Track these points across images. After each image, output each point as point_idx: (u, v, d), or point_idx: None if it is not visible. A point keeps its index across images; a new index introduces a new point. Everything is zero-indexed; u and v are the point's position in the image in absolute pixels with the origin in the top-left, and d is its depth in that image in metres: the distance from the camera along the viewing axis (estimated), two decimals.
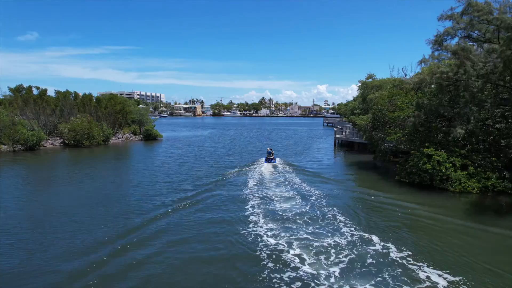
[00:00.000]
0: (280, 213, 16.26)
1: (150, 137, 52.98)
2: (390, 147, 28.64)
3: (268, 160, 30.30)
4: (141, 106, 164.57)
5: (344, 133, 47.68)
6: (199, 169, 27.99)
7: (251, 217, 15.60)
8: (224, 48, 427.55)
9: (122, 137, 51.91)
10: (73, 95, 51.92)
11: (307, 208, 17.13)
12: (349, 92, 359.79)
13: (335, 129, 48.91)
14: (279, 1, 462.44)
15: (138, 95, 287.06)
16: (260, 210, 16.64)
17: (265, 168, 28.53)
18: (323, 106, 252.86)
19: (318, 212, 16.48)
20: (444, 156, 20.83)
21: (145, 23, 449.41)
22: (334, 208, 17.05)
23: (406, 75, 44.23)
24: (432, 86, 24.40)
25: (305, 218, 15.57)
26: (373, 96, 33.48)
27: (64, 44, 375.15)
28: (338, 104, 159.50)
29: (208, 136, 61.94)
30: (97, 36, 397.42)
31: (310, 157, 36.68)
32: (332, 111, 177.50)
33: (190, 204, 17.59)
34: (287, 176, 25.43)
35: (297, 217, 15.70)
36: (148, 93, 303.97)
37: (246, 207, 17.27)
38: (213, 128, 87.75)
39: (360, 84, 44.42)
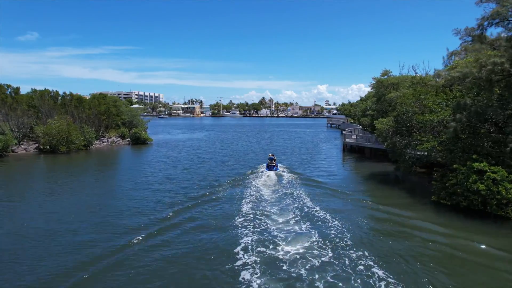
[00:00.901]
0: (286, 266, 11.13)
1: (138, 141, 47.93)
2: (417, 156, 23.61)
3: (269, 167, 26.89)
4: (135, 106, 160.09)
5: (354, 137, 42.67)
6: (185, 185, 22.93)
7: (242, 273, 10.55)
8: (224, 48, 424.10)
9: (108, 141, 46.87)
10: (52, 94, 46.98)
11: (328, 252, 12.05)
12: (349, 92, 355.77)
13: (343, 132, 43.88)
14: (279, 2, 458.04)
15: (136, 95, 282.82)
16: (256, 259, 11.55)
17: (266, 179, 24.27)
18: (324, 106, 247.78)
19: (346, 262, 11.39)
20: (503, 173, 15.78)
21: (145, 23, 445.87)
22: (365, 253, 12.01)
23: (416, 73, 39.35)
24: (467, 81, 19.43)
25: (328, 275, 10.49)
26: (393, 95, 28.45)
27: (64, 44, 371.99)
28: (342, 104, 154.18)
29: (204, 140, 56.90)
30: (97, 36, 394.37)
31: (318, 166, 31.64)
32: (336, 111, 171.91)
33: (148, 245, 12.54)
34: (294, 193, 20.45)
35: (316, 274, 10.54)
36: (147, 93, 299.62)
37: (236, 250, 12.22)
38: (210, 130, 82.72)
39: (374, 82, 39.39)
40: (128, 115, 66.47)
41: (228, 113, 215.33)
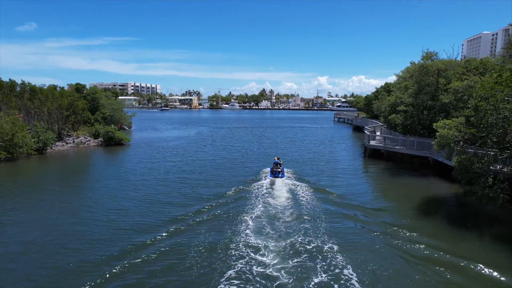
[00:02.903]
0: None
1: (112, 142, 39.05)
2: (508, 176, 14.88)
3: (275, 174, 22.70)
4: (123, 98, 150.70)
5: (379, 139, 33.80)
6: (154, 219, 14.36)
7: None
8: (225, 39, 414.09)
9: (74, 142, 38.02)
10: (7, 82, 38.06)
11: None
12: (350, 84, 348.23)
13: (366, 132, 34.98)
14: None
15: (132, 86, 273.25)
16: None
17: (270, 190, 19.94)
18: (327, 98, 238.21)
19: None
20: None
21: (145, 14, 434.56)
22: None
23: (464, 56, 30.36)
24: None
25: None
26: (463, 84, 19.49)
27: (63, 35, 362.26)
28: (353, 96, 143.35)
29: (194, 139, 47.93)
30: (97, 27, 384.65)
31: (340, 181, 23.01)
32: (343, 104, 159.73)
33: None
34: (304, 217, 13.48)
35: None
36: (143, 84, 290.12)
37: None
38: (205, 125, 73.54)
39: (410, 66, 30.36)
40: (109, 109, 58.22)
41: (227, 105, 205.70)
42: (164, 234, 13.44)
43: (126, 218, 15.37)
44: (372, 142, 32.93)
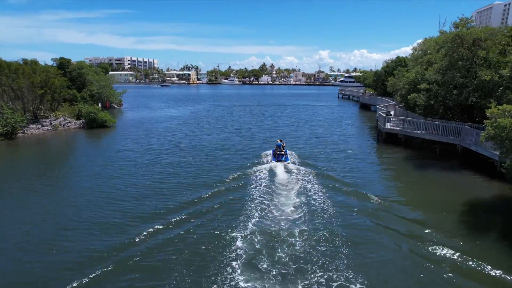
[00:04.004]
0: None
1: (94, 124, 34.94)
2: None
3: (277, 157, 21.03)
4: (119, 72, 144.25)
5: (395, 121, 29.66)
6: (132, 221, 10.93)
7: None
8: (224, 11, 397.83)
9: (51, 124, 33.90)
10: None
11: None
12: (351, 58, 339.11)
13: (380, 113, 30.75)
14: None
15: (129, 61, 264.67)
16: None
17: (272, 175, 18.34)
18: (329, 73, 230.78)
19: None
20: None
21: None
22: None
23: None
24: None
25: None
26: None
27: (58, 7, 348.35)
28: (361, 71, 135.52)
29: (188, 119, 43.70)
30: None
31: (351, 170, 19.59)
32: (351, 80, 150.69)
33: None
34: (311, 210, 12.33)
35: None
36: (140, 59, 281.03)
37: None
38: (201, 103, 68.81)
39: (441, 36, 25.70)
40: (97, 86, 53.73)
41: (226, 81, 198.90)
42: (131, 239, 9.74)
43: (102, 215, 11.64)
44: (388, 125, 28.81)
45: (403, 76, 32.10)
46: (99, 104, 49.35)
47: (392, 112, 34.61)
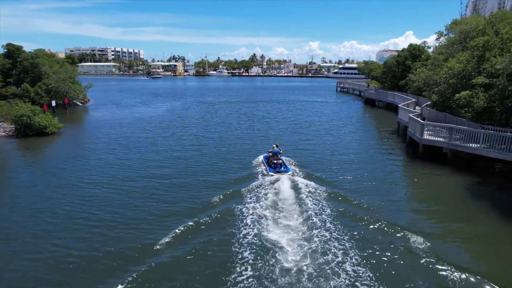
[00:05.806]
0: None
1: (29, 131, 26.20)
2: None
3: (274, 167, 16.58)
4: (98, 64, 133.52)
5: (432, 128, 21.72)
6: None
7: None
8: (215, 2, 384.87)
9: None
10: None
11: None
12: (341, 49, 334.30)
13: (411, 116, 22.82)
14: None
15: (112, 51, 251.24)
16: None
17: (276, 198, 13.49)
18: (321, 64, 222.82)
19: None
20: None
21: None
22: None
23: None
24: None
25: None
26: None
27: None
28: (363, 62, 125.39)
29: (161, 121, 34.97)
30: None
31: (381, 199, 11.25)
32: (354, 71, 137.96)
33: None
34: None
35: None
36: (125, 50, 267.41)
37: None
38: (182, 99, 59.61)
39: (468, 16, 17.92)
40: (54, 79, 44.78)
41: (215, 72, 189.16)
42: None
43: None
44: (427, 136, 20.93)
45: (439, 66, 24.15)
46: (53, 102, 40.51)
47: (417, 112, 26.79)
